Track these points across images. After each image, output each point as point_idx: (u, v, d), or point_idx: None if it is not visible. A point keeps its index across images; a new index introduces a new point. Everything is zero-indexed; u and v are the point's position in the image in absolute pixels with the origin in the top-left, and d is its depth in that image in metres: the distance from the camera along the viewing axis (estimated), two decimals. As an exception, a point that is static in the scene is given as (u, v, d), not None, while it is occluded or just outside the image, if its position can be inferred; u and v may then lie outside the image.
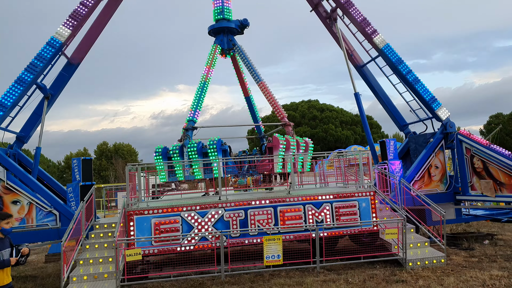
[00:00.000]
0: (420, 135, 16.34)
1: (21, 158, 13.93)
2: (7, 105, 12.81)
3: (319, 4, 17.68)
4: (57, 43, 13.85)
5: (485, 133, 57.19)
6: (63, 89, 14.96)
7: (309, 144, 16.05)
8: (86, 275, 9.91)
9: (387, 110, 17.54)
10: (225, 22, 16.81)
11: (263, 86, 17.07)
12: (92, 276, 9.93)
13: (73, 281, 9.81)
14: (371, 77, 17.67)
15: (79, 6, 14.53)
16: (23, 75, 13.15)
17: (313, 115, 56.08)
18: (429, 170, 15.12)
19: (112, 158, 57.75)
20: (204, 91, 15.71)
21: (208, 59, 16.28)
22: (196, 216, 11.04)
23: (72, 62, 14.84)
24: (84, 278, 9.87)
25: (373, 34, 16.20)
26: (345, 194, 11.79)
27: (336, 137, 53.49)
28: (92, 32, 15.30)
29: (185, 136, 14.50)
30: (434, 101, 15.67)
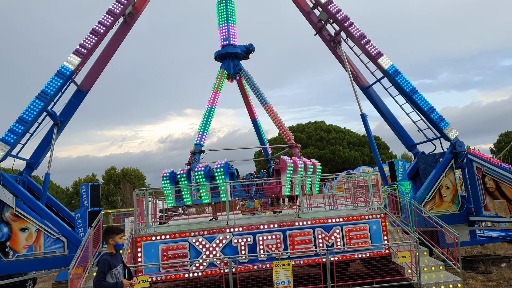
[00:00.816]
0: (429, 155, 16.18)
1: (30, 184, 14.03)
2: (18, 132, 13.00)
3: (323, 28, 17.93)
4: (67, 71, 14.16)
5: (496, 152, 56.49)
6: (73, 116, 15.20)
7: (317, 165, 15.94)
8: (93, 303, 9.75)
9: (395, 130, 17.47)
10: (231, 48, 17.09)
11: (269, 108, 17.16)
12: (99, 304, 9.76)
13: (80, 309, 9.65)
14: (377, 98, 17.69)
15: (89, 35, 14.93)
16: (34, 103, 13.41)
17: (320, 136, 56.00)
18: (440, 190, 14.88)
19: (120, 183, 57.89)
20: (211, 115, 15.82)
21: (215, 84, 16.47)
22: (204, 241, 10.91)
23: (82, 89, 15.12)
24: (91, 307, 9.72)
25: (378, 55, 16.32)
26: (355, 217, 11.60)
27: (344, 158, 53.18)
28: (101, 60, 15.65)
29: (192, 159, 14.52)
30: (442, 120, 15.59)
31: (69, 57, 14.43)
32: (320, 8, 17.29)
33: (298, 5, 18.32)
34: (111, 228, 5.49)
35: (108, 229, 5.45)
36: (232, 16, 17.63)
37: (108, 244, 5.38)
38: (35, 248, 12.31)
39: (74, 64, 14.35)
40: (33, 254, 12.24)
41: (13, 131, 12.95)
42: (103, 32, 15.21)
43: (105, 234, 5.44)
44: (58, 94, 14.33)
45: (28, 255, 12.11)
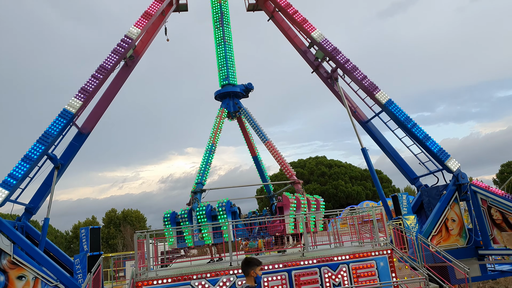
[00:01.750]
0: (432, 187, 16.02)
1: (28, 230, 13.78)
2: (17, 177, 12.93)
3: (320, 65, 18.31)
4: (69, 114, 14.29)
5: (499, 182, 56.07)
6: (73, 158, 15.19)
7: (320, 202, 15.76)
8: None
9: (396, 164, 17.41)
10: (231, 87, 17.39)
11: (270, 145, 17.20)
12: None
13: None
14: (376, 132, 17.77)
15: (91, 79, 15.19)
16: (35, 147, 13.44)
17: (321, 172, 55.79)
18: (446, 224, 14.61)
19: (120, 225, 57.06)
20: (212, 153, 15.83)
21: (215, 123, 16.60)
22: (206, 284, 10.55)
23: (83, 132, 15.20)
24: None
25: (375, 90, 16.57)
26: (361, 254, 11.29)
27: (347, 193, 52.71)
28: (102, 102, 15.85)
29: (193, 199, 14.35)
30: (442, 152, 15.57)
31: (71, 100, 14.62)
32: (316, 46, 17.73)
33: (295, 44, 18.82)
34: (251, 259, 5.25)
35: (249, 261, 5.22)
36: (231, 56, 18.07)
37: (249, 276, 5.15)
38: (32, 296, 11.91)
39: (76, 107, 14.51)
40: (30, 303, 11.82)
41: (13, 176, 12.89)
42: (105, 75, 15.49)
43: (245, 266, 5.20)
44: (59, 137, 14.40)
45: (25, 304, 11.70)
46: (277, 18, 19.23)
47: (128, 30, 16.30)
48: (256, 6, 20.08)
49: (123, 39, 16.04)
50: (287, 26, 19.04)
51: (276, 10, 19.12)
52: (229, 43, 18.26)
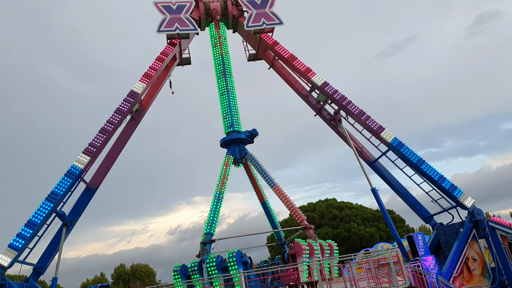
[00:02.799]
0: (448, 225, 15.55)
1: (36, 291, 13.45)
2: (26, 236, 12.81)
3: (322, 108, 18.49)
4: (77, 171, 14.39)
5: (517, 216, 54.49)
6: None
7: (334, 246, 15.36)
8: None
9: (408, 202, 17.02)
10: (236, 134, 17.59)
11: (278, 190, 17.08)
12: None
13: None
14: (385, 171, 17.55)
15: (98, 134, 15.43)
16: (43, 205, 13.41)
17: (332, 215, 54.72)
18: (466, 263, 14.02)
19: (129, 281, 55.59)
20: (220, 202, 15.70)
21: (222, 170, 16.63)
22: None
23: (91, 187, 15.23)
24: None
25: (380, 130, 16.57)
26: (380, 300, 10.79)
27: (360, 235, 51.32)
28: (110, 157, 16.01)
29: (203, 250, 14.06)
30: (455, 188, 15.26)
31: (79, 156, 14.76)
32: (317, 90, 18.01)
33: (296, 89, 19.18)
34: None
35: None
36: (235, 105, 18.45)
37: None
38: None
39: (84, 163, 14.64)
40: None
41: (21, 236, 12.78)
42: (112, 130, 15.73)
43: None
44: (68, 193, 14.41)
45: None
46: (277, 66, 19.77)
47: (133, 85, 16.76)
48: (256, 56, 20.75)
49: (129, 94, 16.46)
50: (288, 72, 19.51)
51: (276, 58, 19.70)
52: (232, 92, 18.72)
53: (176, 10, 18.65)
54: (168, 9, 18.58)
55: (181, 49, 19.27)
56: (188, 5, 19.01)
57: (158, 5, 18.54)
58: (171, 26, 18.25)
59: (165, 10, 18.44)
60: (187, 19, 18.57)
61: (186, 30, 18.44)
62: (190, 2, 19.15)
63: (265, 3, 19.51)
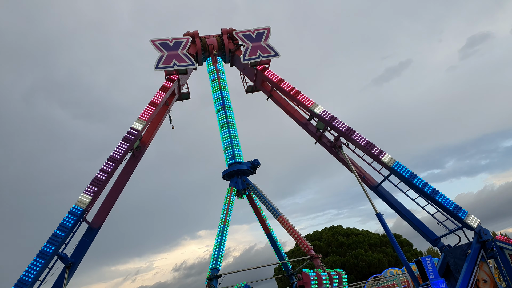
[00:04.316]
0: (456, 247, 15.32)
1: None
2: (27, 281, 12.53)
3: (322, 135, 18.60)
4: (79, 211, 14.25)
5: (525, 233, 53.61)
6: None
7: (342, 275, 15.07)
8: None
9: (414, 226, 16.83)
10: (237, 165, 17.61)
11: (283, 220, 16.95)
12: None
13: None
14: (388, 195, 17.46)
15: (99, 173, 15.40)
16: (45, 248, 13.20)
17: (339, 242, 53.86)
18: (478, 285, 13.73)
19: (136, 321, 53.93)
20: (225, 235, 15.52)
21: (225, 202, 16.55)
22: None
23: (93, 226, 15.08)
24: None
25: (380, 154, 16.60)
26: (393, 329, 10.50)
27: (368, 262, 50.31)
28: (111, 195, 15.95)
29: (209, 286, 13.78)
30: (459, 209, 15.14)
31: (80, 196, 14.67)
32: (316, 118, 18.18)
33: (295, 118, 19.37)
34: None
35: None
36: (235, 136, 18.58)
37: None
38: None
39: (85, 203, 14.52)
40: None
41: (22, 281, 12.50)
42: (113, 168, 15.71)
43: None
44: (70, 235, 14.21)
45: None
46: (275, 96, 20.04)
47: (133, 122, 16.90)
48: (254, 87, 21.10)
49: (129, 131, 16.57)
50: (286, 102, 19.76)
51: (273, 89, 20.00)
52: (232, 124, 18.89)
53: (173, 46, 19.09)
54: (165, 46, 19.01)
55: (179, 84, 19.60)
56: (185, 41, 19.48)
57: (155, 42, 18.98)
58: (169, 63, 18.61)
59: (162, 47, 18.86)
60: (184, 55, 18.97)
61: (184, 66, 18.79)
62: (187, 39, 19.63)
63: (261, 36, 20.02)
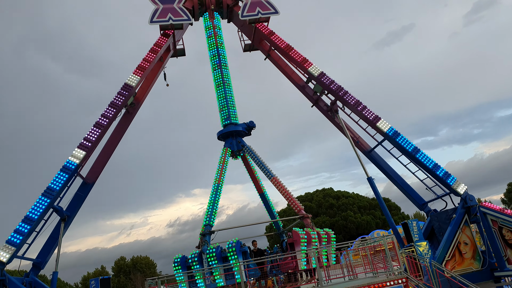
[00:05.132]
0: (442, 212, 15.84)
1: (37, 286, 13.54)
2: (24, 232, 12.85)
3: (319, 99, 18.56)
4: (73, 166, 14.34)
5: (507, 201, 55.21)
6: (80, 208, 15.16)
7: (331, 234, 15.59)
8: None
9: (403, 190, 17.29)
10: (233, 126, 17.64)
11: (276, 181, 17.25)
12: None
13: None
14: (381, 160, 17.76)
15: (93, 129, 15.35)
16: (40, 200, 13.42)
17: (329, 204, 55.22)
18: (458, 248, 14.34)
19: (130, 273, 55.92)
20: (219, 193, 15.84)
21: (220, 163, 16.73)
22: (221, 328, 10.29)
23: (88, 181, 15.27)
24: None
25: (376, 119, 16.69)
26: (376, 285, 11.07)
27: (357, 223, 51.92)
28: (106, 151, 16.02)
29: (203, 242, 14.23)
30: (448, 176, 15.51)
31: (74, 151, 14.67)
32: (314, 81, 18.07)
33: (293, 80, 19.22)
34: None
35: None
36: (231, 96, 18.45)
37: None
38: None
39: (79, 158, 14.58)
40: None
41: (19, 232, 12.81)
42: (106, 124, 15.64)
43: None
44: (64, 189, 14.38)
45: None
46: (273, 56, 19.75)
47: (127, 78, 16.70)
48: (252, 46, 20.68)
49: (123, 87, 16.38)
50: (284, 63, 19.51)
51: (272, 48, 19.68)
52: (228, 84, 18.70)
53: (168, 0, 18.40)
54: (160, -1, 18.31)
55: (175, 40, 19.13)
56: (181, -6, 18.74)
57: (149, -6, 18.21)
58: (164, 17, 18.01)
59: (157, 0, 18.20)
60: (180, 9, 18.33)
61: (179, 21, 18.19)
62: (184, -8, 18.89)
63: (260, -9, 19.29)
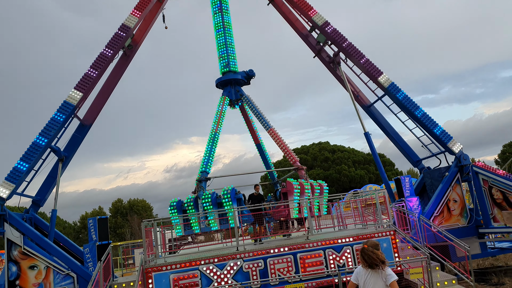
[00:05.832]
0: (435, 169, 16.12)
1: (37, 222, 13.98)
2: (22, 170, 13.02)
3: (322, 49, 18.18)
4: (70, 107, 14.28)
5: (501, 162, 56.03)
6: (78, 150, 15.31)
7: (324, 186, 15.93)
8: None
9: (399, 147, 17.46)
10: (232, 74, 17.39)
11: (273, 132, 17.31)
12: None
13: None
14: (379, 116, 17.76)
15: (90, 70, 15.12)
16: (37, 140, 13.48)
17: (325, 157, 55.94)
18: (447, 204, 14.77)
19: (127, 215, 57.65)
20: (215, 142, 15.95)
21: (217, 111, 16.68)
22: (214, 269, 10.80)
23: (85, 123, 15.25)
24: None
25: (377, 74, 16.48)
26: (365, 236, 11.49)
27: (350, 177, 52.92)
28: (103, 93, 15.85)
29: (199, 187, 14.54)
30: (445, 134, 15.61)
31: (71, 92, 14.55)
32: (318, 30, 17.60)
33: (296, 28, 18.68)
34: None
35: None
36: (231, 43, 18.02)
37: None
38: (45, 285, 12.20)
39: (76, 99, 14.47)
40: (43, 291, 12.11)
41: (17, 169, 12.98)
42: (104, 65, 15.37)
43: None
44: (61, 129, 14.40)
45: (38, 293, 11.99)
46: (277, 2, 19.03)
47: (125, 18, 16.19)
48: (255, -10, 19.87)
49: (120, 28, 15.90)
50: (288, 10, 18.84)
51: (276, -8, 18.89)
52: (229, 29, 18.18)
53: None
54: None
55: (175, -19, 18.35)
56: None
57: None
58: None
59: None
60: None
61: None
62: None
63: None
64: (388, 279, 4.95)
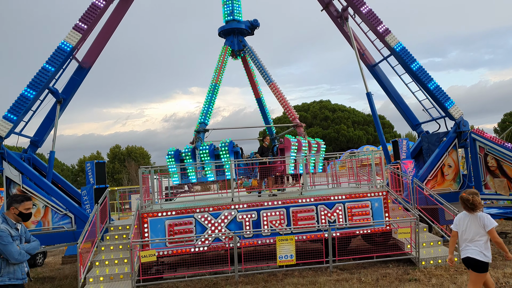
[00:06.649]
0: (433, 134, 16.15)
1: (35, 162, 14.14)
2: (20, 110, 12.94)
3: (330, 3, 17.54)
4: (68, 47, 13.91)
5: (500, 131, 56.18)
6: (77, 93, 15.16)
7: (321, 145, 16.00)
8: (102, 276, 10.05)
9: (400, 109, 17.35)
10: (235, 23, 16.87)
11: (274, 87, 17.10)
12: (108, 277, 10.06)
13: (89, 282, 9.94)
14: (383, 76, 17.48)
15: (89, 10, 14.59)
16: (35, 80, 13.28)
17: (324, 116, 55.83)
18: (442, 169, 14.95)
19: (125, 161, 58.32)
20: (215, 93, 15.79)
21: (219, 61, 16.37)
22: (209, 217, 11.10)
23: (83, 66, 14.97)
24: (100, 279, 10.00)
25: (385, 33, 16.03)
26: (357, 195, 11.72)
27: (348, 137, 53.14)
28: (102, 36, 15.41)
29: (197, 138, 14.59)
30: (447, 99, 15.47)
31: (69, 32, 14.15)
32: (326, -18, 16.88)
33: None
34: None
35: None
36: (236, -9, 17.31)
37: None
38: (43, 223, 12.57)
39: (75, 40, 14.10)
40: (41, 229, 12.50)
41: (15, 109, 12.89)
42: (103, 6, 14.76)
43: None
44: (60, 71, 14.13)
45: (37, 230, 12.37)
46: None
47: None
48: None
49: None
50: (297, -40, 18.00)
51: None
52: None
53: None
54: None
55: None
56: None
57: None
58: None
59: None
60: None
61: None
62: None
63: None
64: (486, 225, 5.94)
